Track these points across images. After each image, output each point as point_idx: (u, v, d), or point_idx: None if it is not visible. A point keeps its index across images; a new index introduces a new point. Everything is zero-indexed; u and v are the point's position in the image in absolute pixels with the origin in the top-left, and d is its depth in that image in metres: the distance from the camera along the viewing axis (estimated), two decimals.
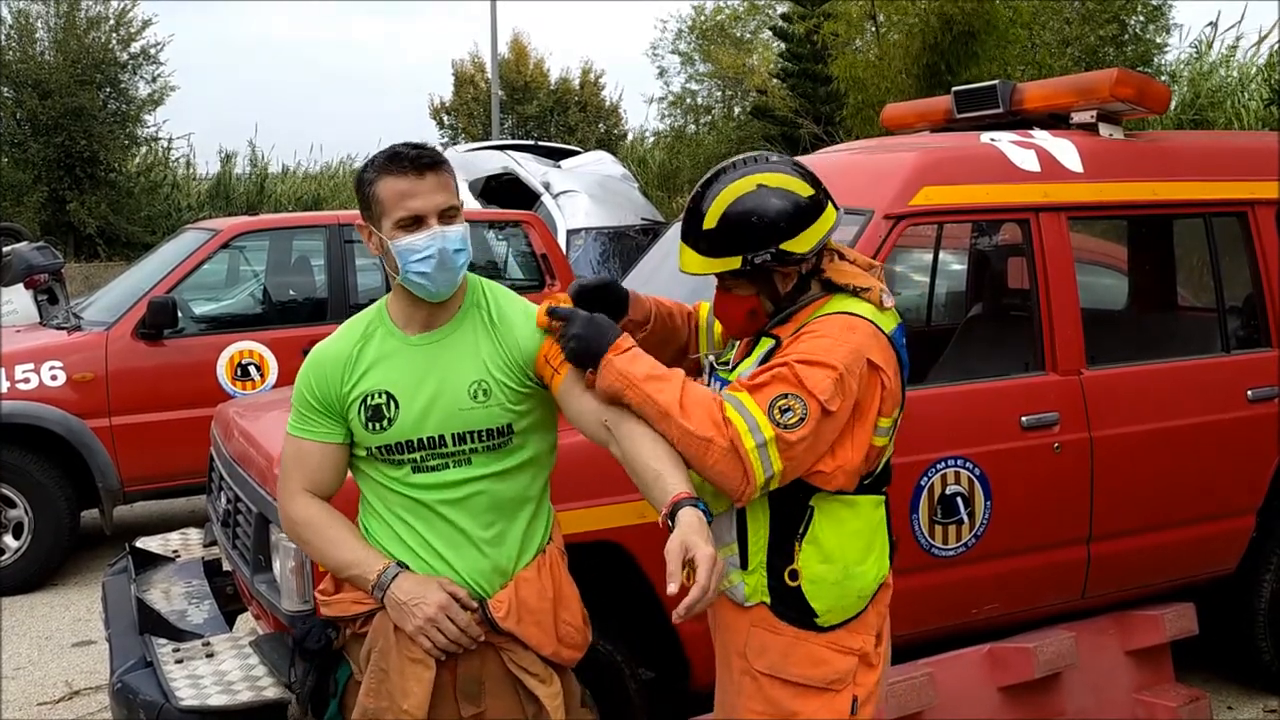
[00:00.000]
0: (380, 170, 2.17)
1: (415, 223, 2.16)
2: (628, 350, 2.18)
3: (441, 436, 2.22)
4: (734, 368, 2.39)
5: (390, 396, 2.22)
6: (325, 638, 2.31)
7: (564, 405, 2.26)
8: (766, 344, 2.33)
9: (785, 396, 2.12)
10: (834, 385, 2.12)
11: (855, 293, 2.28)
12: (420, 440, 2.22)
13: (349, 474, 2.35)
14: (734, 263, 2.25)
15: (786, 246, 2.23)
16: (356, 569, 2.23)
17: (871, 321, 2.24)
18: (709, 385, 2.45)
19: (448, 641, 2.18)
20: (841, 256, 2.37)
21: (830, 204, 2.32)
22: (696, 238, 2.31)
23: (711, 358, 2.50)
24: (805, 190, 2.28)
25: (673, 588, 1.90)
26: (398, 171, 2.15)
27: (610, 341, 2.18)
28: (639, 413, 2.15)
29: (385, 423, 2.21)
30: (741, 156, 2.38)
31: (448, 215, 2.18)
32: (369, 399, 2.23)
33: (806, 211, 2.26)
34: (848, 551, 2.24)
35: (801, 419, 2.10)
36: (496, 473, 2.25)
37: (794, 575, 2.21)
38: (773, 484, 2.15)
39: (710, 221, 2.27)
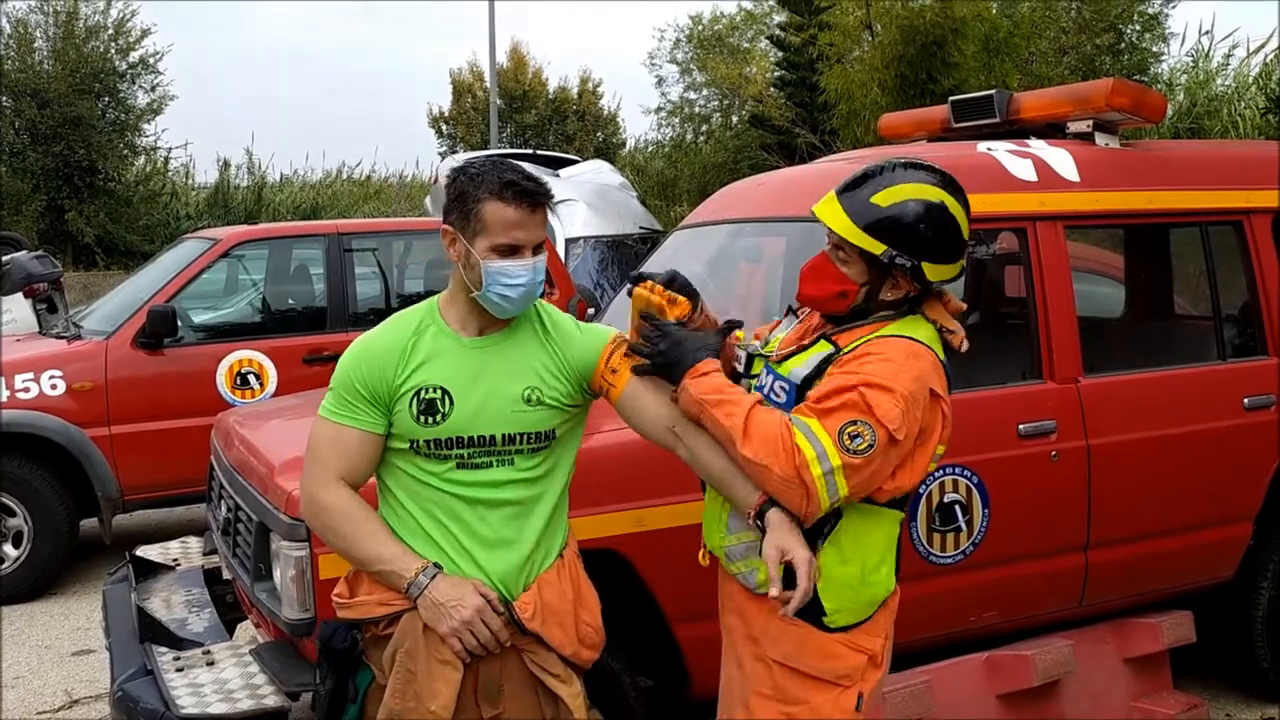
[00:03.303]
0: (493, 193, 2.21)
1: (512, 251, 2.22)
2: (704, 375, 2.24)
3: (493, 436, 2.26)
4: (781, 361, 2.40)
5: (445, 392, 2.26)
6: (351, 638, 2.32)
7: (627, 412, 2.34)
8: (824, 348, 2.33)
9: (855, 423, 2.15)
10: (901, 414, 2.15)
11: (941, 332, 2.34)
12: (472, 438, 2.26)
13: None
14: (877, 248, 2.26)
15: (926, 267, 2.27)
16: (391, 565, 2.24)
17: (932, 349, 2.29)
18: (745, 378, 2.47)
19: (478, 645, 2.21)
20: (940, 297, 2.41)
21: (964, 263, 2.37)
22: (859, 203, 2.29)
23: (756, 344, 2.52)
24: (966, 235, 2.33)
25: (774, 591, 2.02)
26: (513, 202, 2.21)
27: (691, 364, 2.24)
28: (715, 435, 2.22)
29: (439, 417, 2.25)
30: (936, 174, 2.36)
31: (539, 248, 2.27)
32: (423, 393, 2.26)
33: (957, 251, 2.32)
34: (866, 558, 2.28)
35: (870, 445, 2.14)
36: (533, 476, 2.31)
37: None
38: (835, 505, 2.19)
39: (884, 200, 2.27)
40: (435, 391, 2.25)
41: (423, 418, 2.25)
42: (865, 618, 2.30)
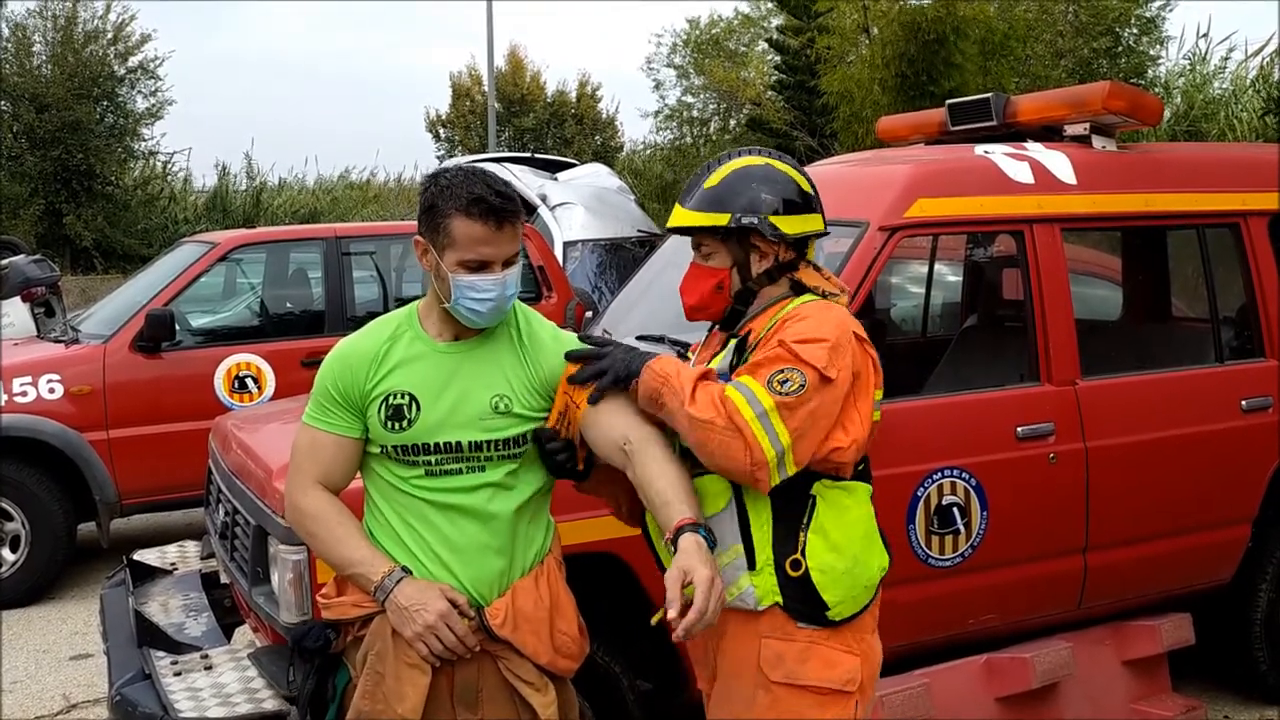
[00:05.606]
0: (460, 209, 2.19)
1: (481, 266, 2.21)
2: (662, 361, 2.26)
3: (459, 443, 2.26)
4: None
5: (413, 398, 2.26)
6: (324, 638, 2.33)
7: (586, 428, 2.31)
8: (734, 343, 2.37)
9: (783, 370, 2.17)
10: (828, 354, 2.18)
11: (824, 295, 2.36)
12: (438, 444, 2.26)
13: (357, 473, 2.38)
14: (722, 219, 2.33)
15: (776, 220, 2.32)
16: (360, 568, 2.25)
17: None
18: None
19: (444, 649, 2.20)
20: (817, 269, 2.44)
21: (821, 216, 2.41)
22: (695, 195, 2.38)
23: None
24: (806, 187, 2.39)
25: (672, 612, 1.95)
26: (479, 218, 2.18)
27: (647, 359, 2.26)
28: (671, 410, 2.21)
29: (405, 423, 2.25)
30: (758, 148, 2.48)
31: (510, 261, 2.24)
32: (391, 398, 2.27)
33: (803, 201, 2.37)
34: (853, 539, 2.26)
35: (801, 386, 2.15)
36: (507, 482, 2.29)
37: (796, 565, 2.21)
38: (788, 462, 2.16)
39: (714, 181, 2.37)
40: (403, 397, 2.26)
41: (390, 423, 2.26)
42: (865, 605, 2.28)
